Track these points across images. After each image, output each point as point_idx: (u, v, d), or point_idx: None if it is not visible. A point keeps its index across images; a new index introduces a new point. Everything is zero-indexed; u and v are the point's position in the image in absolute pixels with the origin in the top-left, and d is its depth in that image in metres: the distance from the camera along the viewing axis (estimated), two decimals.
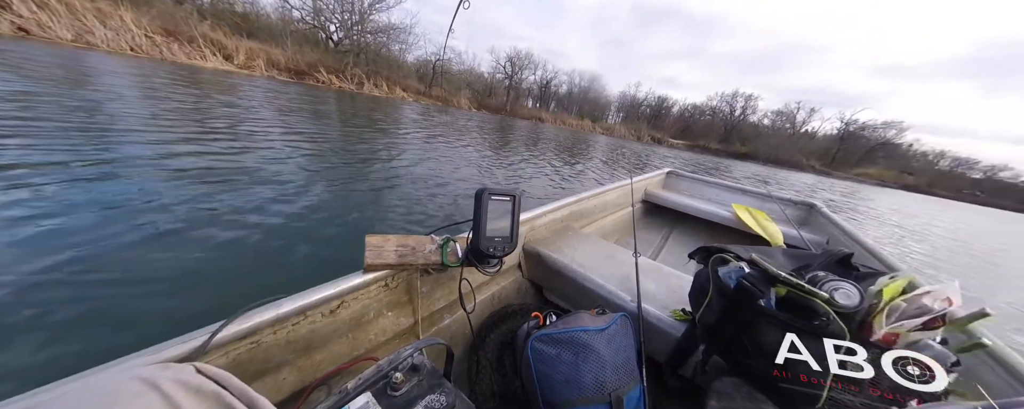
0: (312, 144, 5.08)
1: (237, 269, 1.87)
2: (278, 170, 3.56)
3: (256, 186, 3.04)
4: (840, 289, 0.65)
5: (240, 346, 0.60)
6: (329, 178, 3.68)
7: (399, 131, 8.55)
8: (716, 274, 0.84)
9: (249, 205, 2.65)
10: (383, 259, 0.82)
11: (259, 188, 3.00)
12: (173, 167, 3.08)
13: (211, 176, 3.03)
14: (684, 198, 2.79)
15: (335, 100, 13.99)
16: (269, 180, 3.23)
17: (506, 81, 48.13)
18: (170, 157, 3.31)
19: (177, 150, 3.54)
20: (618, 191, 2.30)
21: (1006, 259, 8.19)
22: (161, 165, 3.06)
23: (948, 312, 0.57)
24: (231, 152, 3.87)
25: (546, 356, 0.82)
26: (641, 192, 2.80)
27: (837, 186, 25.19)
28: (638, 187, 2.63)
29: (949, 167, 66.79)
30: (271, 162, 3.80)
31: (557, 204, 1.61)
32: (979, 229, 14.40)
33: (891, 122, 60.16)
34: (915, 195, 41.42)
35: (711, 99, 61.27)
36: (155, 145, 3.57)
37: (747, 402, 0.79)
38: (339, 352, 0.77)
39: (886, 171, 58.41)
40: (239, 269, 1.88)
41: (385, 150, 5.79)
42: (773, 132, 58.75)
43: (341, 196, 3.26)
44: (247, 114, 6.52)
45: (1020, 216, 41.58)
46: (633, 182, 2.32)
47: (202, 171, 3.13)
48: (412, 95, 30.71)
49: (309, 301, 0.69)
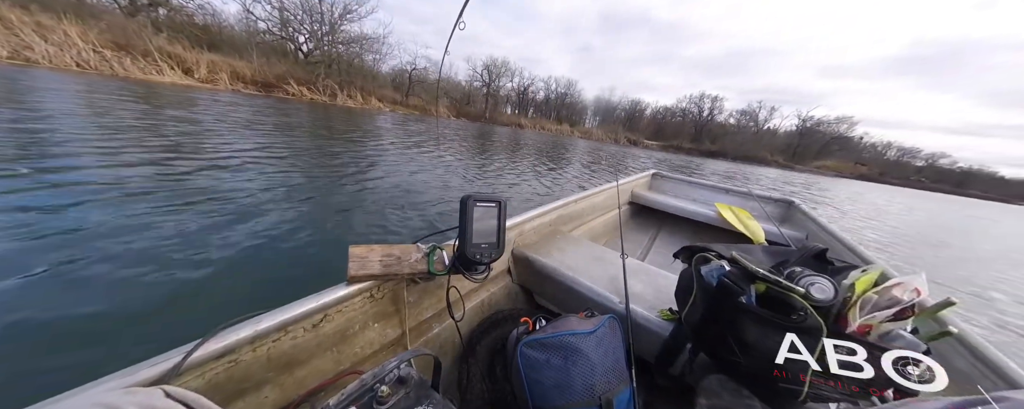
0: (281, 158, 4.86)
1: (199, 294, 1.76)
2: (242, 187, 3.38)
3: (219, 204, 2.87)
4: (815, 284, 0.67)
5: (217, 366, 0.58)
6: (302, 192, 3.54)
7: (375, 142, 8.37)
8: (699, 273, 0.85)
9: (217, 224, 2.52)
10: (367, 270, 0.80)
11: (222, 206, 2.84)
12: (121, 188, 2.86)
13: (169, 196, 2.86)
14: (669, 199, 2.83)
15: (307, 112, 13.55)
16: (234, 198, 3.06)
17: (484, 89, 48.37)
18: (116, 179, 3.06)
19: (126, 173, 3.28)
20: (605, 193, 2.32)
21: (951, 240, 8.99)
22: (108, 187, 2.84)
23: (917, 302, 0.59)
24: (187, 171, 3.66)
25: (535, 361, 0.82)
26: (628, 194, 2.83)
27: (797, 179, 26.71)
28: (624, 189, 2.66)
29: (896, 157, 72.80)
30: (236, 179, 3.62)
31: (545, 208, 1.61)
32: (931, 212, 15.71)
33: (842, 117, 65.29)
34: (869, 184, 44.75)
35: (681, 101, 64.72)
36: (98, 166, 3.30)
37: (734, 398, 0.79)
38: (323, 367, 0.75)
39: (842, 163, 62.94)
40: (200, 295, 1.76)
41: (359, 161, 5.60)
42: (739, 130, 62.56)
43: (315, 210, 3.14)
44: (205, 129, 6.22)
45: (958, 198, 45.70)
46: (619, 184, 2.34)
47: (160, 191, 2.94)
48: (388, 105, 30.19)
49: (290, 316, 0.66)
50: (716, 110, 62.57)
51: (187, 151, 4.44)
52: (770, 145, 61.82)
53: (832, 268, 0.77)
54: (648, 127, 61.45)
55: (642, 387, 0.95)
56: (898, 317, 0.59)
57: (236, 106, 10.85)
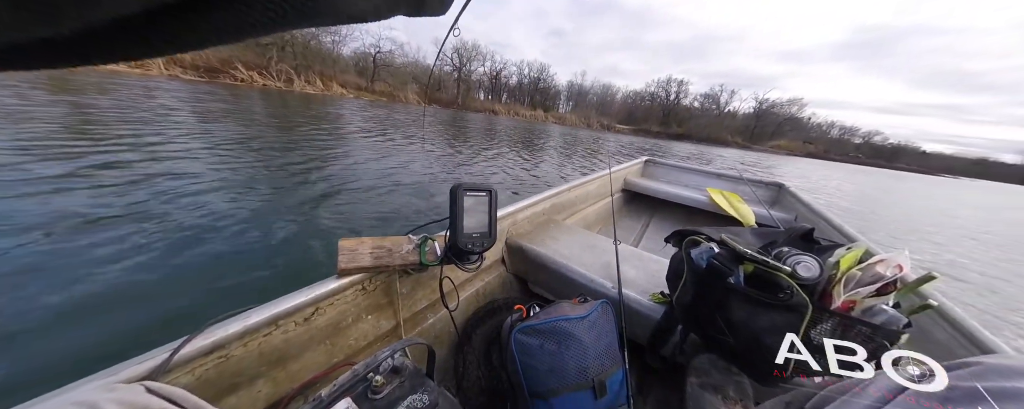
0: (233, 152, 4.47)
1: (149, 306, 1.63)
2: (183, 186, 3.08)
3: (160, 205, 2.63)
4: (801, 262, 0.68)
5: (207, 362, 0.58)
6: (259, 191, 3.27)
7: (342, 131, 7.91)
8: (689, 256, 0.86)
9: (163, 228, 2.32)
10: (358, 262, 0.80)
11: (163, 208, 2.60)
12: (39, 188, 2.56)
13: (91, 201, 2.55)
14: (662, 185, 2.86)
15: (259, 99, 12.51)
16: (173, 200, 2.78)
17: (455, 73, 46.78)
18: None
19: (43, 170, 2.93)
20: (598, 181, 2.33)
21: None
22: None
23: (899, 278, 0.61)
24: (123, 167, 3.30)
25: (529, 347, 0.83)
26: (620, 181, 2.84)
27: (751, 158, 28.34)
28: (617, 176, 2.67)
29: (838, 135, 79.54)
30: (177, 176, 3.31)
31: (538, 197, 1.61)
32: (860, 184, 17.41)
33: (794, 99, 70.72)
34: (816, 161, 48.83)
35: (649, 85, 67.22)
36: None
37: (723, 376, 0.82)
38: (317, 360, 0.75)
39: (793, 142, 68.14)
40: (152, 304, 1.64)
41: (329, 155, 5.27)
42: (703, 113, 65.76)
43: (280, 208, 2.93)
44: (147, 119, 5.59)
45: (890, 172, 50.84)
46: (612, 172, 2.35)
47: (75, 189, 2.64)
48: (352, 91, 28.56)
49: (281, 310, 0.66)
50: (682, 94, 65.45)
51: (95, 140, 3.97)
52: (730, 127, 65.79)
53: (818, 247, 0.79)
54: (620, 112, 63.20)
55: (635, 368, 0.97)
56: (881, 292, 0.60)
57: (164, 93, 9.80)
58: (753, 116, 68.41)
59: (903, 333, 0.58)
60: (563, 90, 62.96)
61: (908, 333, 0.59)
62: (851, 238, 1.52)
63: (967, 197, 20.81)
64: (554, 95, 60.85)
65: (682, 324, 0.93)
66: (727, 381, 0.79)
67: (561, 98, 62.76)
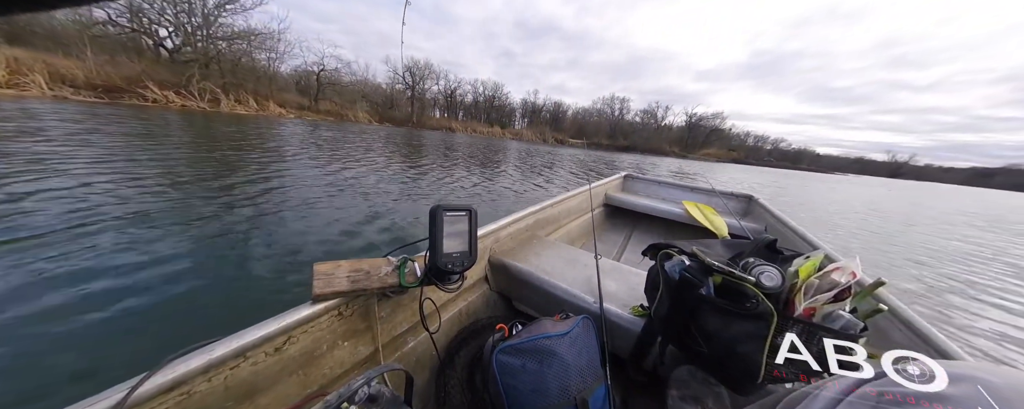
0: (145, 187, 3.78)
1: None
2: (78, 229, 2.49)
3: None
4: (765, 272, 0.72)
5: (167, 400, 0.55)
6: (179, 230, 2.76)
7: (283, 154, 7.20)
8: (663, 268, 0.88)
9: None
10: (334, 287, 0.77)
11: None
12: None
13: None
14: (641, 199, 2.94)
15: (178, 123, 10.97)
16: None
17: (408, 91, 45.92)
18: None
19: None
20: (579, 197, 2.36)
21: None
22: None
23: (853, 283, 0.65)
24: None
25: (511, 368, 0.82)
26: (602, 196, 2.90)
27: (685, 165, 30.98)
28: (598, 192, 2.73)
29: (753, 143, 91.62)
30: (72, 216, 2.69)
31: (520, 214, 1.62)
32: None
33: (717, 113, 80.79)
34: (739, 166, 55.67)
35: (596, 102, 73.18)
36: None
37: (702, 387, 0.83)
38: (288, 392, 0.72)
39: (720, 150, 77.47)
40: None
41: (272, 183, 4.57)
42: (643, 127, 72.16)
43: (204, 248, 2.51)
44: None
45: (796, 172, 59.67)
46: (592, 187, 2.41)
47: None
48: (293, 111, 26.02)
49: (249, 341, 0.63)
50: (624, 110, 71.80)
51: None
52: (668, 138, 73.39)
53: (781, 257, 0.83)
54: (571, 127, 67.35)
55: (617, 383, 0.97)
56: (838, 298, 0.65)
57: (73, 118, 8.22)
58: (686, 128, 77.01)
59: (860, 337, 0.62)
60: (518, 107, 65.36)
61: (865, 336, 0.62)
62: (813, 246, 1.59)
63: (853, 189, 24.85)
64: (509, 112, 62.88)
65: (661, 336, 0.95)
66: (706, 392, 0.81)
67: (516, 115, 64.92)
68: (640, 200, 2.90)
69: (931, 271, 4.69)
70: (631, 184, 3.44)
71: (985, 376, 0.30)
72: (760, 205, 2.58)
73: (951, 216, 13.28)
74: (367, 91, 39.92)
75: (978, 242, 7.34)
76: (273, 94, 25.95)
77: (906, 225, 9.17)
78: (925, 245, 6.39)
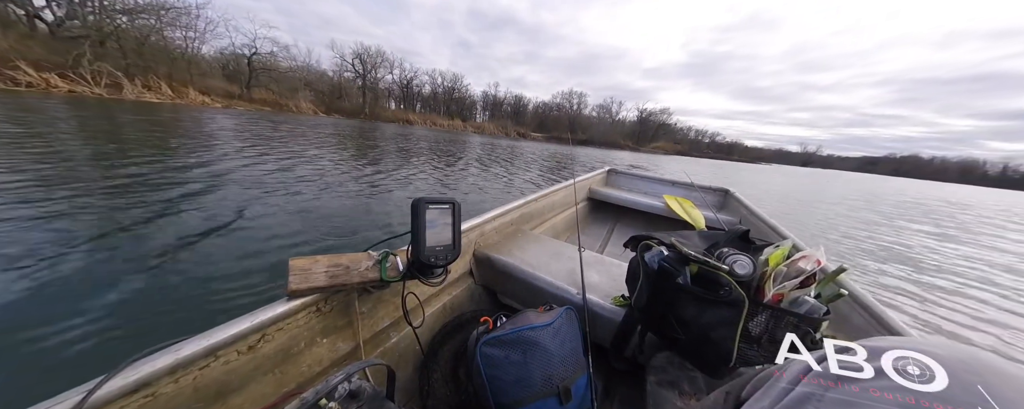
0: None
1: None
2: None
3: None
4: (738, 261, 0.76)
5: (129, 402, 0.52)
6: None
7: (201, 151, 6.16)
8: (643, 259, 0.90)
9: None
10: (311, 282, 0.75)
11: None
12: None
13: None
14: (623, 193, 2.99)
15: (64, 112, 8.74)
16: None
17: (358, 80, 42.19)
18: None
19: None
20: (563, 191, 2.37)
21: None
22: None
23: (817, 270, 0.69)
24: None
25: (495, 359, 0.82)
26: (585, 190, 2.93)
27: (638, 158, 32.94)
28: (582, 186, 2.74)
29: (694, 137, 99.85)
30: None
31: (505, 208, 1.62)
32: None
33: (664, 109, 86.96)
34: (684, 157, 60.53)
35: (555, 97, 74.95)
36: None
37: (679, 372, 0.88)
38: (263, 392, 0.70)
39: (668, 144, 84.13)
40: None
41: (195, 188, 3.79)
42: (599, 121, 75.78)
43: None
44: None
45: (726, 162, 66.45)
46: (576, 182, 2.41)
47: None
48: (220, 99, 22.31)
49: (219, 339, 0.61)
50: (582, 105, 73.65)
51: None
52: (622, 132, 77.39)
53: (753, 247, 0.87)
54: (532, 121, 68.08)
55: (599, 372, 1.00)
56: (804, 285, 0.68)
57: None
58: (637, 123, 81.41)
59: (824, 320, 0.66)
60: (479, 100, 63.87)
61: (828, 320, 0.66)
62: (783, 236, 1.67)
63: (775, 177, 28.36)
64: (470, 105, 61.33)
65: (641, 325, 0.97)
66: (682, 377, 0.85)
67: (477, 108, 63.55)
68: (623, 194, 2.96)
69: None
70: (614, 179, 3.51)
71: (912, 348, 0.33)
72: (735, 198, 2.68)
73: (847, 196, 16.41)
74: (310, 79, 35.85)
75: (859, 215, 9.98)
76: (193, 79, 22.16)
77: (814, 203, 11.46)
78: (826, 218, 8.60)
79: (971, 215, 13.71)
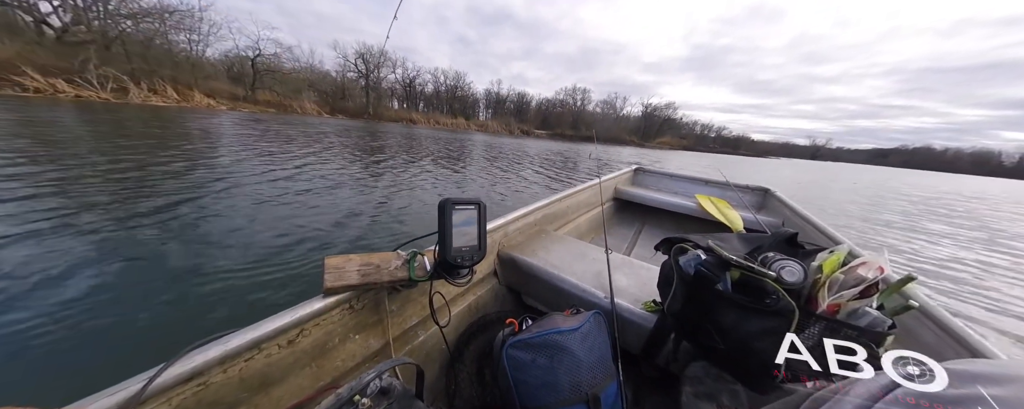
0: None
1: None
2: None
3: None
4: (786, 267, 0.70)
5: (185, 390, 0.55)
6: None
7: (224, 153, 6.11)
8: (677, 263, 0.85)
9: None
10: (344, 280, 0.78)
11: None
12: None
13: None
14: (652, 193, 2.87)
15: (72, 117, 8.53)
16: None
17: (362, 80, 42.17)
18: None
19: None
20: (589, 191, 2.31)
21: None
22: None
23: (880, 279, 0.62)
24: None
25: (521, 362, 0.81)
26: (611, 190, 2.84)
27: (644, 154, 32.05)
28: (607, 185, 2.67)
29: (700, 131, 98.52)
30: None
31: (529, 208, 1.60)
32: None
33: (669, 103, 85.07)
34: (690, 152, 59.60)
35: (558, 93, 73.97)
36: None
37: (717, 384, 0.82)
38: (301, 384, 0.73)
39: (673, 139, 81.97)
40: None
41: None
42: (604, 117, 74.00)
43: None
44: None
45: (736, 157, 65.52)
46: (602, 181, 2.34)
47: None
48: (226, 102, 22.48)
49: (262, 333, 0.64)
50: (586, 101, 72.88)
51: None
52: (627, 128, 76.27)
53: (803, 251, 0.80)
54: (536, 118, 67.38)
55: (629, 380, 0.95)
56: (864, 295, 0.62)
57: None
58: (642, 118, 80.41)
59: (888, 334, 0.60)
60: (482, 98, 63.95)
61: (893, 334, 0.60)
62: (835, 240, 1.54)
63: (784, 171, 28.08)
64: (473, 103, 61.23)
65: (674, 332, 0.93)
66: (721, 389, 0.80)
67: (480, 106, 63.42)
68: (651, 194, 2.84)
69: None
70: (641, 178, 3.37)
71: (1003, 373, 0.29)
72: (776, 198, 2.49)
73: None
74: (314, 79, 36.27)
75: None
76: (198, 82, 22.15)
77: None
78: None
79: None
